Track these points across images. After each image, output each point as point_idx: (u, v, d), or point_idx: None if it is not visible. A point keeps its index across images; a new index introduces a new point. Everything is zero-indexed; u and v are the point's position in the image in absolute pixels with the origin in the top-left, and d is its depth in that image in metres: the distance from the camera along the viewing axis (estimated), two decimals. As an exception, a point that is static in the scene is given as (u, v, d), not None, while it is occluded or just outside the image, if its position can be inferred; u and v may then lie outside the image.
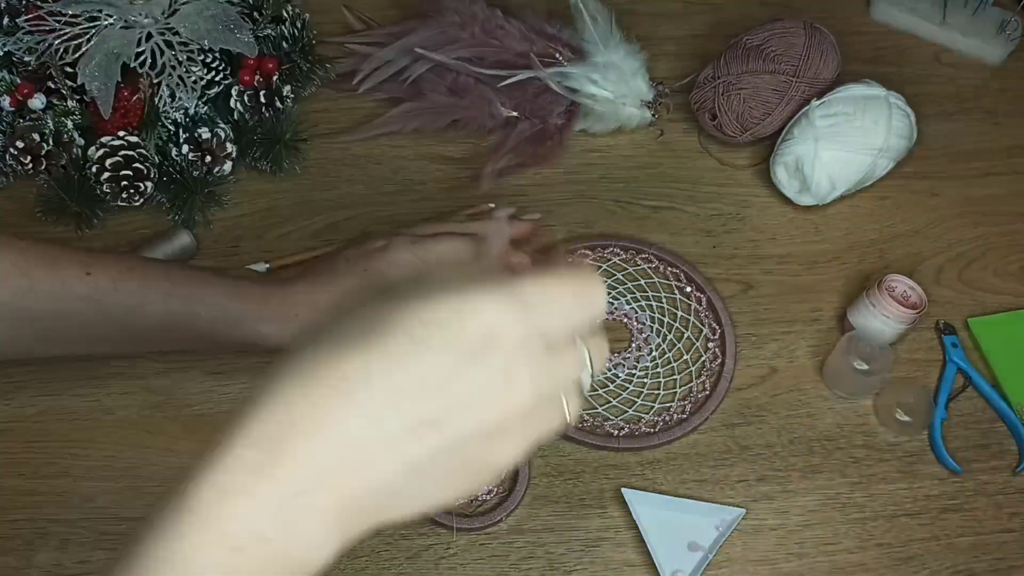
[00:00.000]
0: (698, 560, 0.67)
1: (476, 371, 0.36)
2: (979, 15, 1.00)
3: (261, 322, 0.63)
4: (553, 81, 0.85)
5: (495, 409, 0.36)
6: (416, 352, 0.35)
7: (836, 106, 0.83)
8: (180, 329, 0.62)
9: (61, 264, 0.60)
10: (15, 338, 0.60)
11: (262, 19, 0.86)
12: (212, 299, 0.62)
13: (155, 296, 0.61)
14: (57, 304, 0.59)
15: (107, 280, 0.60)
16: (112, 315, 0.60)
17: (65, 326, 0.60)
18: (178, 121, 0.81)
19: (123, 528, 0.66)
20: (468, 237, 0.69)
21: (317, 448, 0.34)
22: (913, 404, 0.74)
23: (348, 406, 0.35)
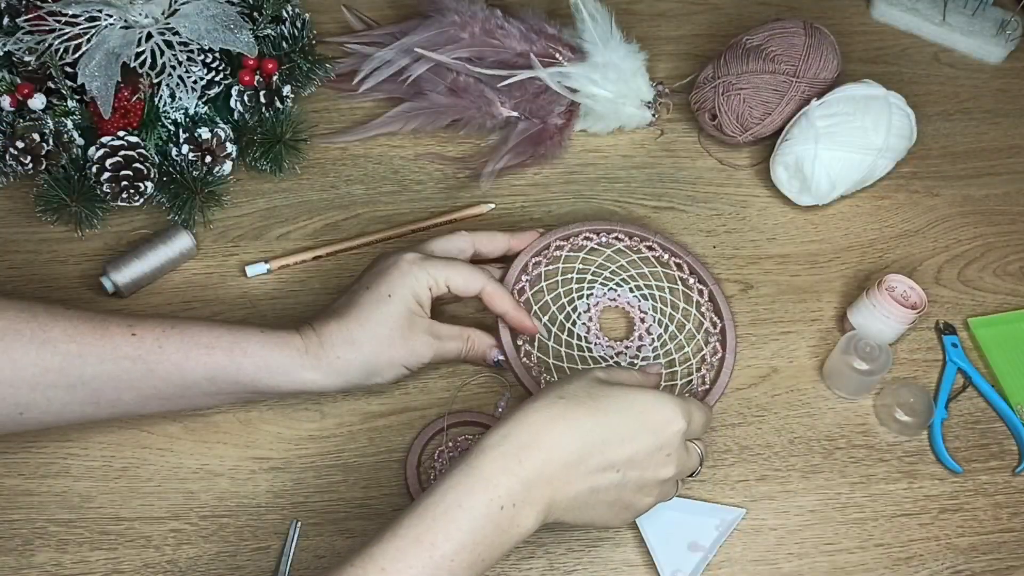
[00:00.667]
0: (698, 560, 0.67)
1: (650, 440, 0.58)
2: (979, 15, 1.00)
3: (304, 370, 0.65)
4: (553, 81, 0.85)
5: (652, 471, 0.59)
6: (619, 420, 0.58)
7: (836, 106, 0.83)
8: (225, 382, 0.64)
9: (108, 325, 0.62)
10: (69, 403, 0.62)
11: (262, 19, 0.86)
12: (254, 350, 0.64)
13: (198, 351, 0.63)
14: (106, 365, 0.62)
15: (152, 338, 0.63)
16: (158, 372, 0.63)
17: (114, 387, 0.63)
18: (178, 121, 0.81)
19: (122, 528, 0.66)
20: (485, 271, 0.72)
21: (553, 460, 0.56)
22: (913, 404, 0.74)
23: (574, 444, 0.57)
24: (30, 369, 0.60)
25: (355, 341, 0.66)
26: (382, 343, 0.66)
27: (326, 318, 0.67)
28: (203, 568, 0.65)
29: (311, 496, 0.69)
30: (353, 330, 0.66)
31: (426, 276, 0.68)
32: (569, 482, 0.57)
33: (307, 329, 0.66)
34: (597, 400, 0.58)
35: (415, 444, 0.70)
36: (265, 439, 0.71)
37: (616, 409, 0.58)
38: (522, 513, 0.55)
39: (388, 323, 0.66)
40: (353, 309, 0.67)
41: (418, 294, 0.68)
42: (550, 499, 0.56)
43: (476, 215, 0.84)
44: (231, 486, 0.69)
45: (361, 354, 0.66)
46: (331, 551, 0.67)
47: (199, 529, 0.67)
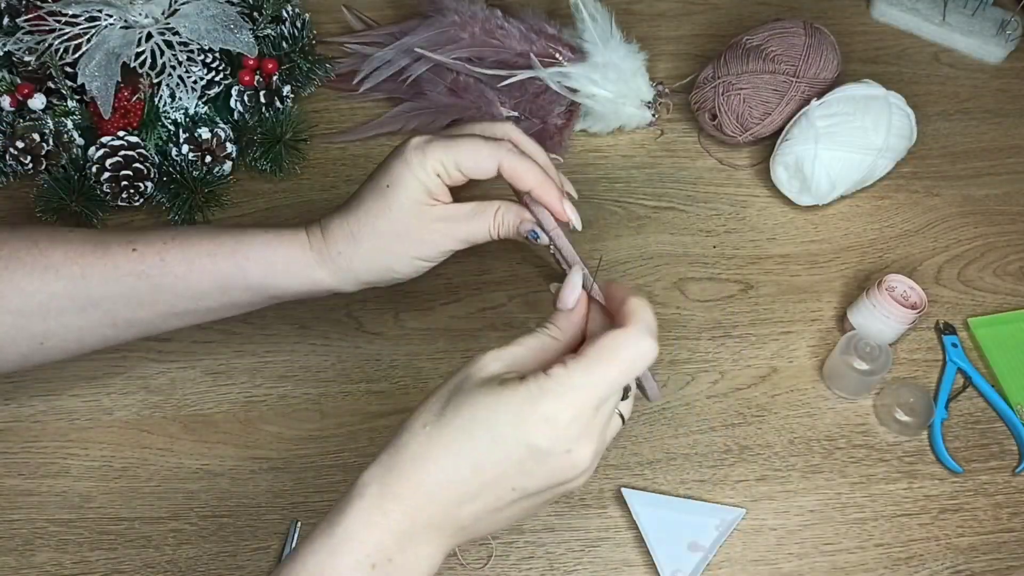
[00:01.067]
0: (698, 560, 0.67)
1: (547, 456, 0.48)
2: (979, 15, 1.00)
3: (311, 267, 0.62)
4: (553, 81, 0.85)
5: (560, 473, 0.49)
6: (501, 443, 0.48)
7: (836, 106, 0.83)
8: (235, 288, 0.62)
9: (108, 244, 0.61)
10: (85, 327, 0.61)
11: (262, 19, 0.86)
12: (256, 251, 0.61)
13: (201, 260, 0.61)
14: (111, 285, 0.60)
15: (153, 253, 0.61)
16: (164, 286, 0.61)
17: (126, 305, 0.61)
18: (178, 121, 0.81)
19: (122, 528, 0.66)
20: (502, 142, 0.61)
21: (417, 507, 0.48)
22: (913, 404, 0.74)
23: (447, 476, 0.48)
24: (37, 296, 0.59)
25: (355, 236, 0.61)
26: (384, 237, 0.61)
27: (333, 212, 0.63)
28: (203, 568, 0.65)
29: (311, 496, 0.69)
30: (352, 224, 0.61)
31: (432, 162, 0.59)
32: (452, 516, 0.49)
33: (313, 226, 0.63)
34: (462, 419, 0.48)
35: None
36: (265, 439, 0.71)
37: (486, 425, 0.48)
38: (407, 562, 0.48)
39: (389, 215, 0.60)
40: (355, 201, 0.62)
41: (424, 183, 0.59)
42: (438, 537, 0.49)
43: (476, 215, 0.83)
44: (231, 486, 0.69)
45: (361, 249, 0.61)
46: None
47: (199, 529, 0.67)
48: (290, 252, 0.62)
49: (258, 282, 0.62)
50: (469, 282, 0.80)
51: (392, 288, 0.77)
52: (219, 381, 0.73)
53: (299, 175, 0.85)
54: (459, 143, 0.60)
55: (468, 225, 0.61)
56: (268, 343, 0.75)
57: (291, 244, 0.62)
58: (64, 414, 0.71)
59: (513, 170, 0.59)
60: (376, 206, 0.60)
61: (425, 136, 0.61)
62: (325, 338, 0.76)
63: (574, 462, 0.49)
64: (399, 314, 0.78)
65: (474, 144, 0.59)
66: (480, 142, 0.60)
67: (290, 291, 0.63)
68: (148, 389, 0.72)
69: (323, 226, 0.62)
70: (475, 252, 0.81)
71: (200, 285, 0.61)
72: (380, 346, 0.76)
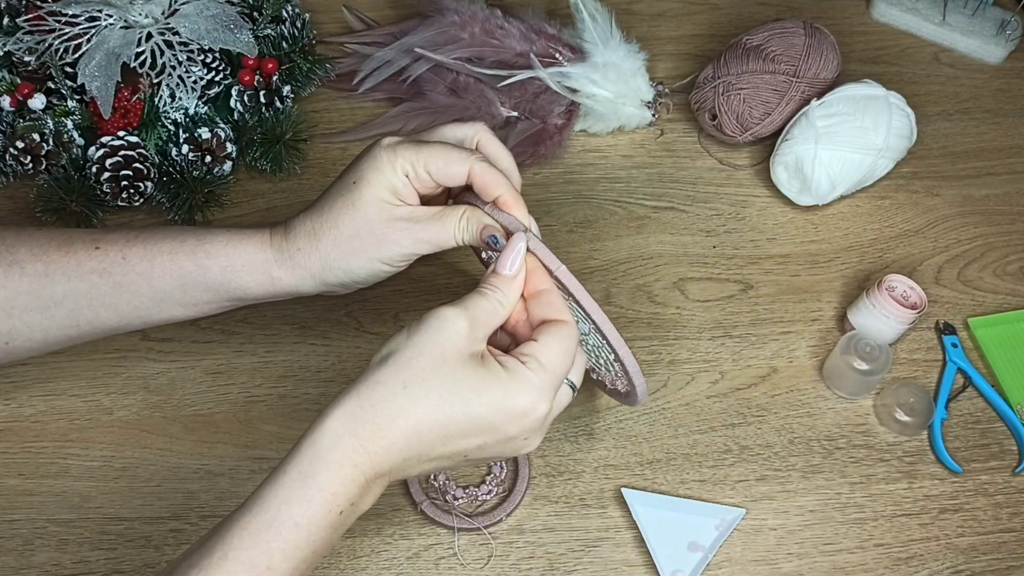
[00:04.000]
0: (698, 560, 0.67)
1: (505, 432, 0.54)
2: (979, 15, 1.00)
3: (270, 266, 0.61)
4: (553, 81, 0.85)
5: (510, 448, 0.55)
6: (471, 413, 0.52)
7: (836, 106, 0.83)
8: (195, 287, 0.61)
9: (73, 243, 0.61)
10: (49, 327, 0.61)
11: (262, 19, 0.86)
12: (217, 248, 0.60)
13: (162, 258, 0.61)
14: (73, 283, 0.60)
15: (115, 251, 0.61)
16: (125, 285, 0.61)
17: (88, 305, 0.61)
18: (178, 121, 0.81)
19: (122, 528, 0.66)
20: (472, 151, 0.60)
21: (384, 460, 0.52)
22: (913, 404, 0.74)
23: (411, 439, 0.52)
24: (1, 293, 0.59)
25: (316, 232, 0.59)
26: (345, 235, 0.59)
27: (300, 211, 0.62)
28: (203, 568, 0.65)
29: (311, 496, 0.69)
30: (315, 221, 0.60)
31: (401, 162, 0.58)
32: (409, 469, 0.54)
33: (280, 224, 0.62)
34: (444, 390, 0.52)
35: None
36: (265, 439, 0.71)
37: (465, 402, 0.52)
38: (362, 505, 0.53)
39: (351, 212, 0.59)
40: (321, 199, 0.61)
41: (391, 183, 0.58)
42: (388, 480, 0.54)
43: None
44: (231, 486, 0.69)
45: (321, 247, 0.59)
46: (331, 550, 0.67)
47: (199, 529, 0.67)
48: (250, 249, 0.61)
49: (218, 281, 0.61)
50: (469, 282, 0.80)
51: (392, 288, 0.77)
52: (219, 381, 0.73)
53: (299, 175, 0.85)
54: (431, 147, 0.59)
55: (431, 228, 0.59)
56: (268, 343, 0.75)
57: (251, 242, 0.61)
58: (64, 414, 0.71)
59: (481, 178, 0.59)
60: (340, 202, 0.59)
61: (396, 137, 0.60)
62: (325, 338, 0.76)
63: (525, 446, 0.55)
64: (399, 314, 0.78)
65: (445, 149, 0.59)
66: (451, 148, 0.59)
67: (250, 291, 0.61)
68: (148, 389, 0.72)
69: (287, 224, 0.61)
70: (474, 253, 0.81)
71: (161, 283, 0.61)
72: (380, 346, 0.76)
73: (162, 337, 0.75)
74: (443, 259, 0.81)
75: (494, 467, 0.70)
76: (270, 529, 0.49)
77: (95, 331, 0.62)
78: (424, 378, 0.52)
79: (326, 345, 0.76)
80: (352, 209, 0.59)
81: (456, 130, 0.62)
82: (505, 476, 0.70)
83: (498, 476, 0.70)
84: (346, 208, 0.59)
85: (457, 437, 0.53)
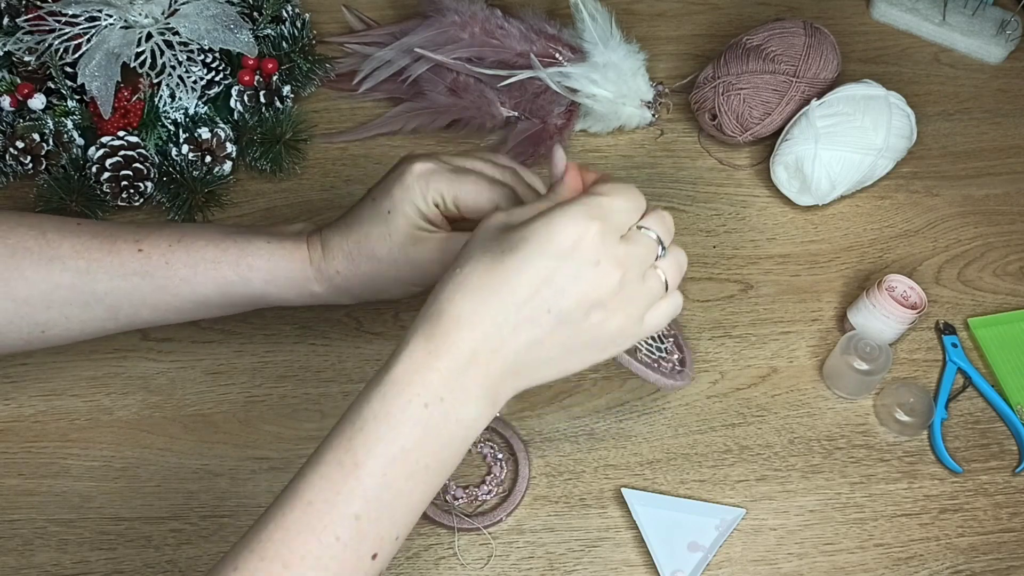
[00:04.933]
0: (698, 560, 0.67)
1: (570, 265, 0.50)
2: (979, 15, 1.00)
3: (310, 282, 0.64)
4: (553, 81, 0.85)
5: (590, 289, 0.50)
6: (524, 266, 0.49)
7: (836, 106, 0.83)
8: (235, 295, 0.64)
9: (115, 241, 0.62)
10: (88, 320, 0.62)
11: (262, 19, 0.86)
12: (260, 262, 0.63)
13: (204, 266, 0.63)
14: (116, 281, 0.62)
15: (158, 254, 0.62)
16: (168, 287, 0.62)
17: (129, 302, 0.62)
18: (178, 121, 0.81)
19: (122, 528, 0.66)
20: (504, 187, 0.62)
21: (466, 338, 0.50)
22: (913, 404, 0.74)
23: (484, 311, 0.50)
24: (41, 286, 0.60)
25: (353, 258, 0.63)
26: (382, 262, 0.62)
27: (333, 228, 0.64)
28: (203, 568, 0.65)
29: (311, 496, 0.69)
30: (351, 246, 0.63)
31: (432, 193, 0.61)
32: (496, 350, 0.50)
33: (315, 238, 0.64)
34: (495, 255, 0.50)
35: None
36: (265, 439, 0.71)
37: (516, 253, 0.50)
38: (456, 404, 0.50)
39: (387, 242, 0.62)
40: (355, 223, 0.63)
41: (423, 211, 0.61)
42: (484, 377, 0.50)
43: (476, 215, 0.83)
44: (231, 486, 0.69)
45: (359, 272, 0.63)
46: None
47: (199, 529, 0.67)
48: (292, 266, 0.64)
49: (259, 292, 0.64)
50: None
51: (392, 288, 0.77)
52: (219, 381, 0.73)
53: (299, 175, 0.85)
54: (463, 180, 0.61)
55: None
56: (268, 343, 0.75)
57: (293, 258, 0.64)
58: (64, 414, 0.71)
59: None
60: (376, 231, 0.62)
61: (429, 163, 0.62)
62: (325, 338, 0.76)
63: (602, 278, 0.50)
64: (399, 314, 0.78)
65: (477, 185, 0.61)
66: (483, 184, 0.61)
67: (288, 301, 0.65)
68: (148, 389, 0.72)
69: (323, 241, 0.64)
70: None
71: (203, 289, 0.63)
72: (380, 346, 0.76)
73: (162, 337, 0.75)
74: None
75: (494, 467, 0.70)
76: (352, 425, 0.49)
77: (133, 325, 0.64)
78: (468, 252, 0.52)
79: (326, 345, 0.76)
80: (388, 238, 0.62)
81: (489, 166, 0.63)
82: (505, 476, 0.70)
83: (498, 476, 0.70)
84: (382, 237, 0.62)
85: (525, 289, 0.49)
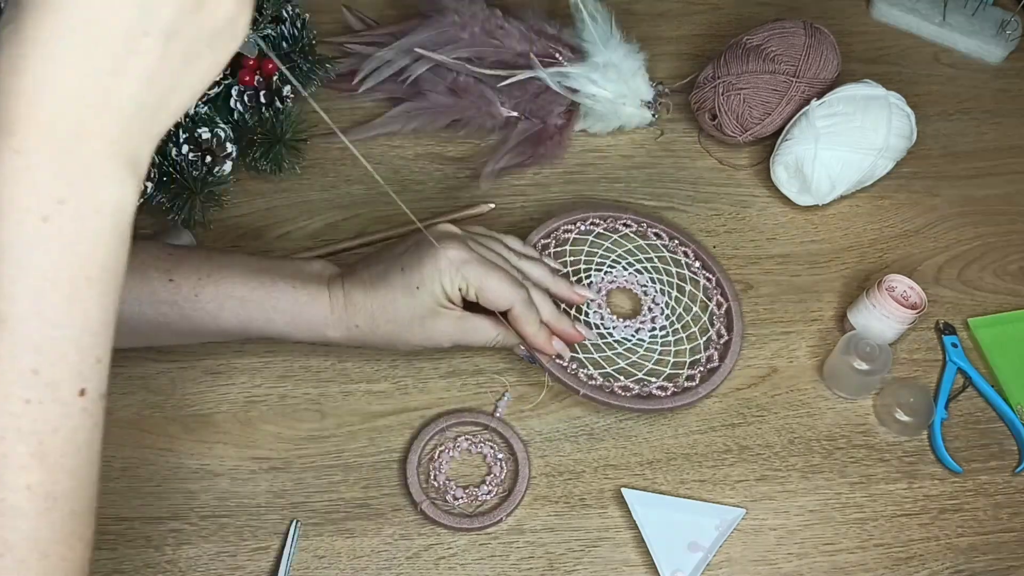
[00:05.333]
0: (698, 560, 0.67)
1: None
2: (979, 15, 1.00)
3: (328, 328, 0.67)
4: (553, 81, 0.85)
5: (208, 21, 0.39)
6: None
7: (836, 106, 0.83)
8: (256, 331, 0.67)
9: (147, 269, 0.64)
10: None
11: (262, 19, 0.86)
12: (285, 306, 0.66)
13: (232, 303, 0.66)
14: (143, 307, 0.64)
15: (188, 288, 0.65)
16: (193, 318, 0.65)
17: (152, 327, 0.65)
18: (178, 121, 0.81)
19: (122, 528, 0.66)
20: (522, 288, 0.69)
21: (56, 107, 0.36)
22: (913, 404, 0.74)
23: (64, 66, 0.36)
24: None
25: (375, 319, 0.67)
26: (401, 326, 0.67)
27: (358, 283, 0.67)
28: (203, 568, 0.65)
29: (311, 496, 0.69)
30: (375, 308, 0.67)
31: (460, 280, 0.67)
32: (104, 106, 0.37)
33: (336, 287, 0.67)
34: None
35: (415, 444, 0.70)
36: (265, 439, 0.71)
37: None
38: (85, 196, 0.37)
39: (410, 311, 0.67)
40: (382, 287, 0.67)
41: (448, 293, 0.67)
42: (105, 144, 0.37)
43: (476, 215, 0.84)
44: (231, 486, 0.69)
45: (378, 331, 0.67)
46: (331, 551, 0.67)
47: (199, 529, 0.67)
48: (314, 313, 0.67)
49: (279, 332, 0.67)
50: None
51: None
52: (219, 381, 0.73)
53: (299, 175, 0.85)
54: (489, 276, 0.67)
55: (471, 336, 0.69)
56: (268, 343, 0.75)
57: (315, 305, 0.67)
58: (64, 414, 0.71)
59: (516, 320, 0.68)
60: (402, 300, 0.66)
61: (463, 252, 0.67)
62: (325, 338, 0.76)
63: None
64: (399, 314, 0.78)
65: (500, 284, 0.67)
66: (506, 284, 0.67)
67: (300, 341, 0.69)
68: (148, 389, 0.72)
69: (347, 292, 0.67)
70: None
71: (227, 324, 0.66)
72: (380, 346, 0.76)
73: (162, 337, 0.75)
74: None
75: (494, 467, 0.70)
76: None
77: (149, 344, 0.68)
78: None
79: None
80: (411, 309, 0.67)
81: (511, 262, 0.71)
82: (505, 476, 0.70)
83: (498, 476, 0.70)
84: (407, 308, 0.66)
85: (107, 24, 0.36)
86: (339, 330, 0.67)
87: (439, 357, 0.75)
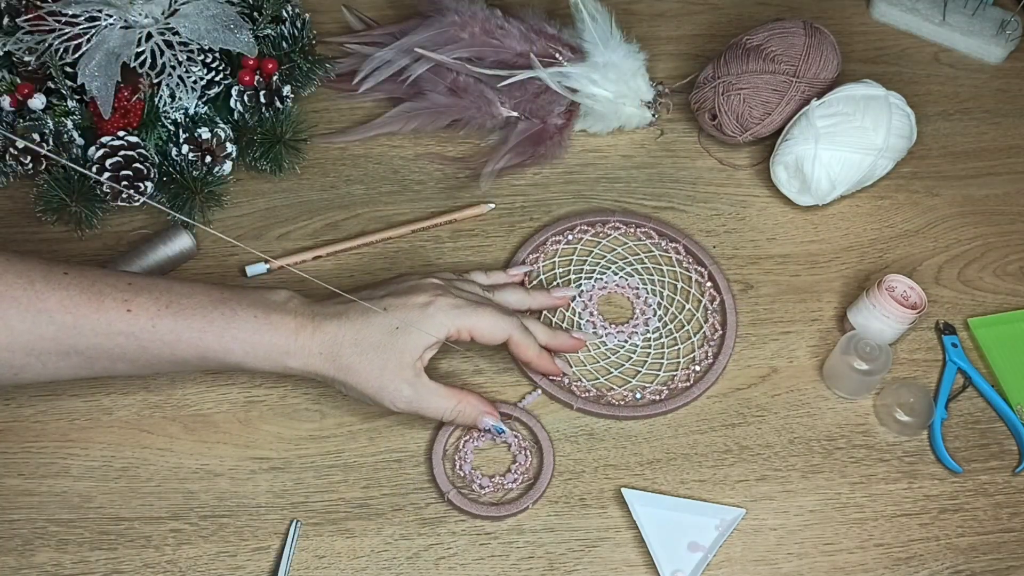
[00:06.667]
0: (698, 560, 0.67)
1: None
2: (979, 15, 1.00)
3: (287, 356, 0.65)
4: (553, 81, 0.85)
5: None
6: None
7: (836, 106, 0.83)
8: (215, 362, 0.65)
9: (104, 299, 0.63)
10: (63, 367, 0.64)
11: (262, 19, 0.86)
12: (244, 335, 0.64)
13: (190, 334, 0.64)
14: (100, 339, 0.63)
15: (146, 318, 0.63)
16: (150, 348, 0.64)
17: (108, 357, 0.64)
18: (178, 121, 0.81)
19: (122, 528, 0.66)
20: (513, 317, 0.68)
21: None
22: (913, 404, 0.74)
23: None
24: (25, 336, 0.61)
25: (336, 359, 0.65)
26: (358, 374, 0.65)
27: (331, 316, 0.66)
28: (203, 568, 0.65)
29: (311, 496, 0.69)
30: (342, 348, 0.65)
31: (449, 326, 0.66)
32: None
33: (305, 317, 0.66)
34: None
35: (439, 435, 0.71)
36: (265, 439, 0.71)
37: None
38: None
39: (377, 361, 0.65)
40: (358, 324, 0.65)
41: (429, 344, 0.66)
42: None
43: (476, 215, 0.84)
44: (231, 486, 0.69)
45: (332, 370, 0.65)
46: (331, 551, 0.67)
47: (199, 529, 0.67)
48: (273, 340, 0.65)
49: (236, 362, 0.65)
50: (469, 282, 0.80)
51: (392, 288, 0.77)
52: (219, 381, 0.73)
53: (299, 175, 0.85)
54: (479, 314, 0.67)
55: (426, 402, 0.67)
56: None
57: (276, 332, 0.65)
58: (64, 414, 0.71)
59: (516, 346, 0.69)
60: (376, 337, 0.65)
61: (448, 296, 0.67)
62: (325, 338, 0.76)
63: None
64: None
65: (492, 318, 0.67)
66: (497, 317, 0.67)
67: (263, 371, 0.66)
68: (148, 389, 0.72)
69: (316, 323, 0.66)
70: (475, 254, 0.81)
71: (184, 355, 0.65)
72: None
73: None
74: (440, 263, 0.81)
75: (519, 456, 0.71)
76: None
77: (106, 374, 0.66)
78: None
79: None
80: (379, 359, 0.65)
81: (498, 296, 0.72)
82: (530, 465, 0.71)
83: (523, 464, 0.70)
84: (375, 357, 0.65)
85: None
86: (299, 358, 0.65)
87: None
